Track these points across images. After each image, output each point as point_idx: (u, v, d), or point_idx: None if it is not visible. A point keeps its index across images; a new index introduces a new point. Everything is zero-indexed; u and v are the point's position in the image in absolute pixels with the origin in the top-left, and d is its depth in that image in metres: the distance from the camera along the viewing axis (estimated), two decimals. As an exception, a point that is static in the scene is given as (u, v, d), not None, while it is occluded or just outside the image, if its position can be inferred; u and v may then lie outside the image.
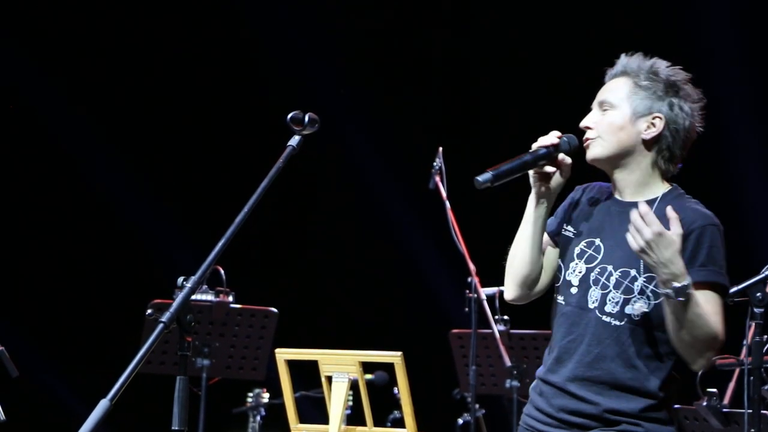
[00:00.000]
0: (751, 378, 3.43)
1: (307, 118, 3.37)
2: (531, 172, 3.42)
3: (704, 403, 4.46)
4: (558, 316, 3.36)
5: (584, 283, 3.31)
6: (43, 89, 8.51)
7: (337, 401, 4.49)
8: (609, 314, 3.26)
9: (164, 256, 8.13)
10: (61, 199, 8.63)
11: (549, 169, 3.39)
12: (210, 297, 5.92)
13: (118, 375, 2.79)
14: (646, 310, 3.22)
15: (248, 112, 8.71)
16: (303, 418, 4.78)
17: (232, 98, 8.75)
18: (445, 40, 8.65)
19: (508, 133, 8.58)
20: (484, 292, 6.31)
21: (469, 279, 6.28)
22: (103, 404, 2.75)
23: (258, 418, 6.87)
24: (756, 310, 3.38)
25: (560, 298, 3.36)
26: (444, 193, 6.38)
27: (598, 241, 3.35)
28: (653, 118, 3.31)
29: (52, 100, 8.55)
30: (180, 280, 3.00)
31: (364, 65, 8.59)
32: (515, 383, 6.33)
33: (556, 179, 3.40)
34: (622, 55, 3.44)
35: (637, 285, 3.25)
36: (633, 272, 3.25)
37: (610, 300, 3.26)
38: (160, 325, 2.88)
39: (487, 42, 8.56)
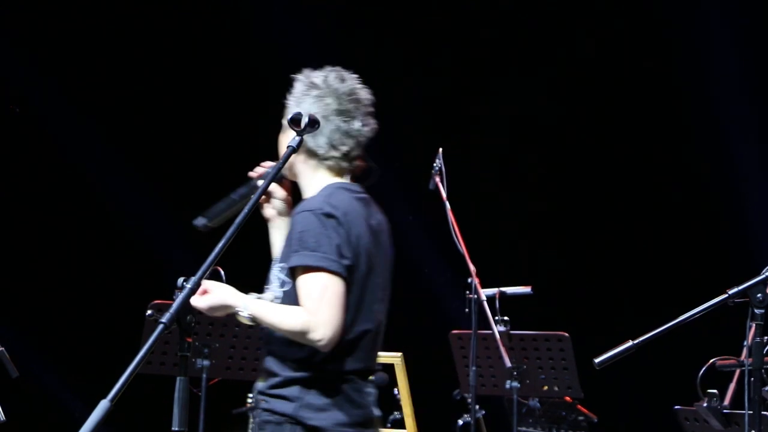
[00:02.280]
0: (752, 379, 3.43)
1: (306, 119, 3.38)
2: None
3: (704, 404, 4.46)
4: None
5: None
6: (45, 91, 8.51)
7: (337, 402, 4.48)
8: None
9: (164, 256, 8.13)
10: (61, 200, 8.63)
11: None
12: (210, 297, 5.90)
13: (118, 376, 2.79)
14: (273, 296, 3.51)
15: (249, 112, 8.71)
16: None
17: (232, 99, 8.75)
18: (447, 38, 8.64)
19: (508, 134, 8.59)
20: (484, 293, 6.30)
21: (470, 280, 6.27)
22: (103, 405, 2.75)
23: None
24: (756, 311, 3.39)
25: None
26: (444, 194, 6.37)
27: None
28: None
29: (54, 102, 8.55)
30: (180, 280, 3.00)
31: (365, 63, 8.58)
32: (515, 384, 6.33)
33: (274, 203, 3.70)
34: None
35: (275, 275, 3.55)
36: (278, 266, 3.56)
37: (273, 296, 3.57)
38: (161, 326, 2.88)
39: (489, 42, 8.55)
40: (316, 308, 3.38)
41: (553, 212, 8.41)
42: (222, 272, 5.90)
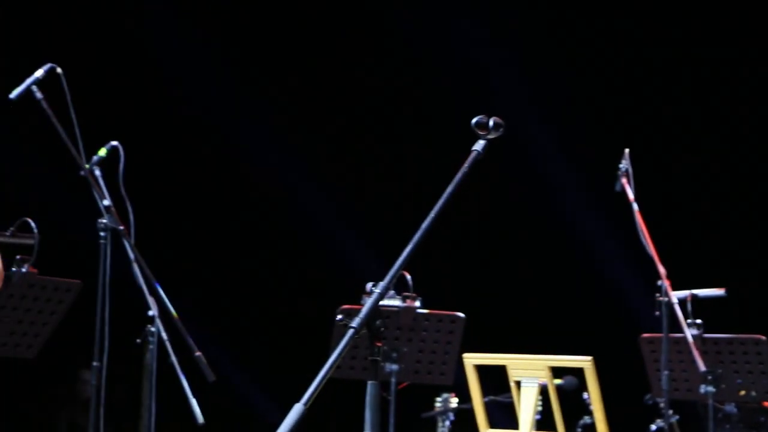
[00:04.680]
0: None
1: (491, 123, 3.36)
2: None
3: None
4: None
5: None
6: (237, 100, 8.74)
7: (526, 406, 4.47)
8: None
9: (353, 262, 8.24)
10: (254, 210, 8.85)
11: None
12: (397, 302, 5.96)
13: (309, 379, 2.83)
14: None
15: (433, 117, 8.75)
16: (492, 423, 4.78)
17: (417, 102, 8.81)
18: (634, 40, 8.51)
19: (694, 133, 8.39)
20: (675, 295, 6.17)
21: (659, 282, 6.15)
22: (297, 408, 2.79)
23: (447, 423, 6.88)
24: None
25: None
26: (631, 195, 6.27)
27: None
28: None
29: (242, 114, 8.77)
30: (369, 285, 3.03)
31: (548, 65, 8.52)
32: (710, 388, 6.16)
33: None
34: None
35: None
36: None
37: None
38: (351, 331, 2.91)
39: (676, 41, 8.38)
40: None
41: (745, 211, 8.18)
42: (409, 277, 5.96)
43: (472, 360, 4.64)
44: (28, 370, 6.74)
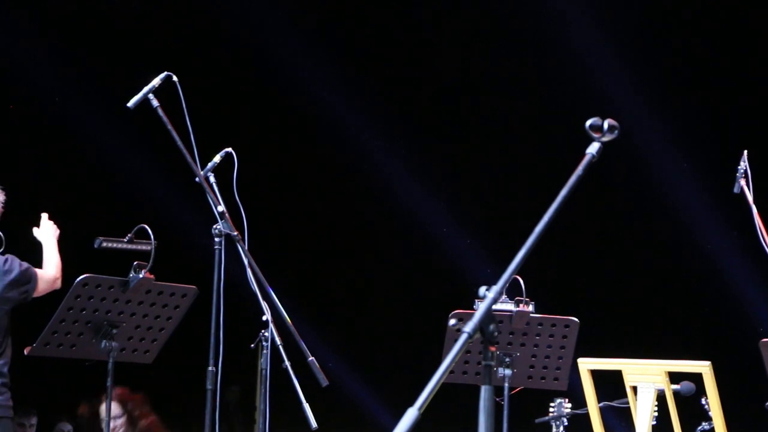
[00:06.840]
0: None
1: (606, 125, 3.30)
2: None
3: None
4: None
5: None
6: (350, 106, 8.79)
7: (643, 412, 4.40)
8: None
9: (464, 266, 8.22)
10: (364, 214, 8.89)
11: None
12: (510, 307, 5.93)
13: (421, 384, 2.82)
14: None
15: (546, 119, 8.69)
16: (607, 429, 4.71)
17: (530, 105, 8.76)
18: (752, 38, 8.34)
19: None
20: (797, 299, 6.01)
21: (780, 285, 6.01)
22: (411, 413, 2.79)
23: (561, 428, 6.81)
24: None
25: None
26: (750, 198, 6.13)
27: None
28: None
29: (356, 120, 8.82)
30: (482, 290, 3.00)
31: (661, 66, 8.39)
32: (834, 395, 5.99)
33: None
34: None
35: None
36: None
37: None
38: (464, 335, 2.89)
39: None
40: None
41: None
42: (521, 281, 5.91)
43: (587, 365, 4.58)
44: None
